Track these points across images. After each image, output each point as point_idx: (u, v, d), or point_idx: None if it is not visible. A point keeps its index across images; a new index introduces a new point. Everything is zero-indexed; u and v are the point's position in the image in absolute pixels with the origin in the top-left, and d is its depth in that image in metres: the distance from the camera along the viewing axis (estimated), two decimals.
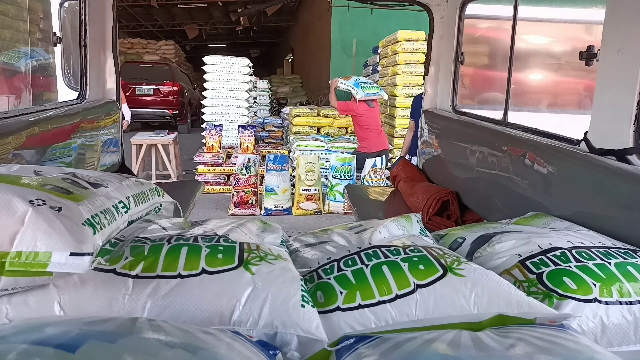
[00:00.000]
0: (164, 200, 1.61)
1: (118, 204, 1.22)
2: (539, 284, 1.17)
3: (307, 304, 0.99)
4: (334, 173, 6.06)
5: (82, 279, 0.98)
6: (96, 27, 2.92)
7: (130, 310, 0.95)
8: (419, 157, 3.75)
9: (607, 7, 1.74)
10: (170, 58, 16.95)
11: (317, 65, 14.70)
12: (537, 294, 1.15)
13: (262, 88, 10.28)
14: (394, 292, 1.06)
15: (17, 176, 1.07)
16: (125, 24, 18.40)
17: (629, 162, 1.63)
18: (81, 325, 0.78)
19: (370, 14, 12.14)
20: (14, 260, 0.88)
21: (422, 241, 1.32)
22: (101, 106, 2.97)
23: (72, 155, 2.41)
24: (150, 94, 12.88)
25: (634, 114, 1.61)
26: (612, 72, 1.71)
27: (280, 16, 18.67)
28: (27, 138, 1.96)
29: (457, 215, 2.77)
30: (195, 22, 19.27)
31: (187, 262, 1.04)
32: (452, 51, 3.22)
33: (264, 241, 1.30)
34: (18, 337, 0.72)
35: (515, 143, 2.22)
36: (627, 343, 1.09)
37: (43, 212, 0.93)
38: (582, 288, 1.13)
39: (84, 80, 2.88)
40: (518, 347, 0.81)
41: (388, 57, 7.32)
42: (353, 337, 0.90)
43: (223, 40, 23.19)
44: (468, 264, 1.16)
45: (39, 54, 4.64)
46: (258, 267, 1.06)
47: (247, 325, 0.95)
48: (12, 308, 0.94)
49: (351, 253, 1.22)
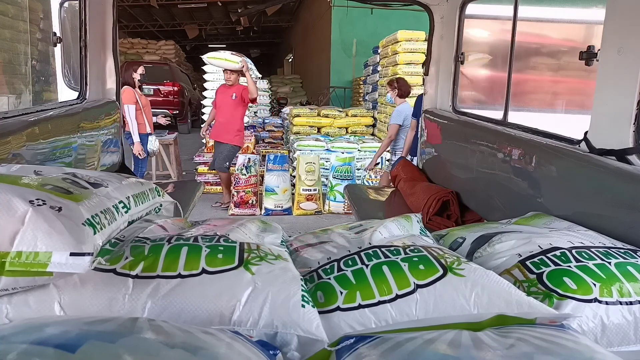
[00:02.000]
0: (164, 200, 1.61)
1: (118, 204, 1.22)
2: (539, 284, 1.17)
3: (307, 304, 0.99)
4: (334, 173, 6.06)
5: (82, 279, 0.98)
6: (96, 27, 2.92)
7: (130, 310, 0.95)
8: (419, 157, 3.75)
9: (607, 7, 1.74)
10: (171, 58, 16.95)
11: (317, 65, 14.71)
12: (537, 294, 1.15)
13: (262, 88, 10.27)
14: (394, 292, 1.06)
15: (17, 176, 1.07)
16: (125, 24, 18.40)
17: (629, 162, 1.63)
18: (81, 325, 0.78)
19: (370, 14, 12.15)
20: (14, 260, 0.88)
21: (422, 241, 1.32)
22: (101, 106, 2.97)
23: (72, 155, 2.41)
24: (150, 94, 12.87)
25: (634, 114, 1.61)
26: (612, 72, 1.71)
27: (281, 16, 18.67)
28: (27, 138, 1.96)
29: (457, 215, 2.77)
30: (195, 22, 19.28)
31: (187, 262, 1.04)
32: (452, 51, 3.22)
33: (264, 241, 1.30)
34: (18, 337, 0.72)
35: (515, 143, 2.22)
36: (627, 343, 1.09)
37: (43, 212, 0.93)
38: (582, 288, 1.12)
39: (84, 80, 2.88)
40: (518, 347, 0.81)
41: (388, 57, 7.33)
42: (353, 337, 0.90)
43: (223, 40, 23.19)
44: (468, 264, 1.16)
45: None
46: (258, 267, 1.06)
47: (247, 325, 0.95)
48: (12, 308, 0.94)
49: (351, 253, 1.22)
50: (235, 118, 5.68)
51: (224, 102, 5.61)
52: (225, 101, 5.59)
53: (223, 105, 5.62)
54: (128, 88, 5.34)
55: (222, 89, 5.71)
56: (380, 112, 7.69)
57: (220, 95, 5.70)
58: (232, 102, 5.57)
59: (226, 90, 5.64)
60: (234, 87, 5.60)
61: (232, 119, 5.62)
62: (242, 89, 5.57)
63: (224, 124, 5.62)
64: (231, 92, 5.57)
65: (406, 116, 5.10)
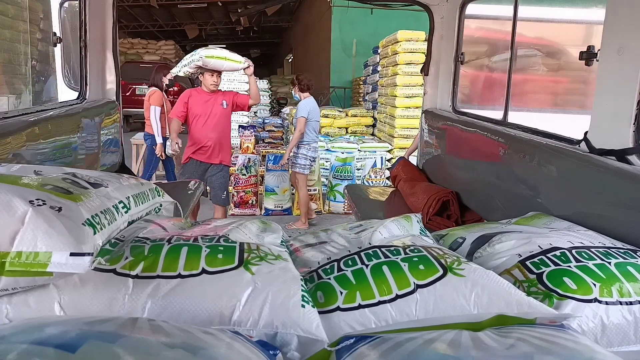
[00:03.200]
0: (164, 200, 1.61)
1: (118, 204, 1.22)
2: (539, 284, 1.17)
3: (307, 304, 0.99)
4: (334, 173, 6.07)
5: (82, 279, 0.98)
6: (96, 27, 2.93)
7: (130, 310, 0.95)
8: (419, 157, 3.75)
9: (607, 7, 1.74)
10: (171, 58, 16.95)
11: (317, 65, 14.70)
12: (537, 294, 1.15)
13: (262, 88, 10.28)
14: (394, 292, 1.06)
15: (17, 176, 1.07)
16: (125, 24, 18.40)
17: (629, 162, 1.63)
18: (81, 325, 0.78)
19: (370, 14, 12.15)
20: (14, 260, 0.88)
21: (422, 241, 1.32)
22: (101, 106, 2.97)
23: (72, 155, 2.41)
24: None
25: (634, 114, 1.61)
26: (612, 72, 1.71)
27: (281, 16, 18.67)
28: (27, 138, 1.96)
29: (457, 215, 2.77)
30: (196, 22, 19.28)
31: (187, 262, 1.04)
32: (452, 51, 3.22)
33: (264, 241, 1.30)
34: (18, 337, 0.72)
35: (515, 143, 2.22)
36: (627, 343, 1.09)
37: (43, 212, 0.93)
38: (582, 288, 1.13)
39: (84, 81, 2.88)
40: (518, 347, 0.81)
41: (388, 57, 7.33)
42: (353, 337, 0.90)
43: (223, 40, 23.19)
44: (468, 264, 1.16)
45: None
46: (258, 267, 1.06)
47: (247, 325, 0.95)
48: (12, 308, 0.94)
49: (351, 253, 1.22)
50: (228, 131, 4.63)
51: (210, 112, 4.36)
52: (213, 111, 4.36)
53: (210, 115, 4.36)
54: (157, 90, 5.59)
55: (201, 95, 4.40)
56: (380, 112, 7.69)
57: (200, 102, 4.37)
58: (224, 112, 4.42)
59: (209, 97, 4.38)
60: (219, 93, 4.44)
61: (225, 133, 4.53)
62: (233, 95, 4.52)
63: (218, 140, 4.41)
64: (219, 100, 4.39)
65: (311, 110, 5.25)
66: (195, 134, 4.41)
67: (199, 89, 4.49)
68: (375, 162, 6.56)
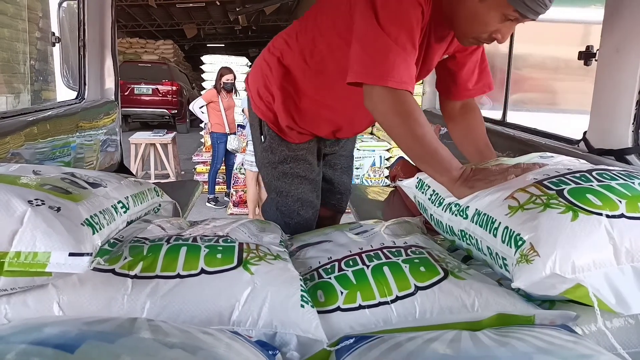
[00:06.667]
0: (163, 200, 1.61)
1: (117, 204, 1.21)
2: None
3: (306, 303, 0.99)
4: None
5: (81, 279, 0.98)
6: (95, 27, 2.92)
7: (129, 310, 0.95)
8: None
9: (606, 6, 1.74)
10: (169, 57, 16.92)
11: None
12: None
13: None
14: (394, 294, 1.05)
15: (15, 176, 1.07)
16: (123, 23, 18.37)
17: (628, 162, 1.63)
18: (80, 326, 0.78)
19: None
20: (13, 260, 0.88)
21: (423, 243, 1.32)
22: (100, 106, 2.97)
23: (70, 155, 2.41)
24: (149, 94, 12.86)
25: (633, 114, 1.61)
26: (611, 72, 1.71)
27: (279, 15, 18.64)
28: (26, 138, 1.96)
29: None
30: (194, 22, 19.25)
31: (186, 262, 1.04)
32: None
33: (263, 241, 1.30)
34: (17, 337, 0.72)
35: (514, 143, 2.22)
36: None
37: (42, 212, 0.93)
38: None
39: (82, 80, 2.88)
40: (518, 347, 0.80)
41: None
42: (353, 337, 0.90)
43: (222, 39, 23.16)
44: (469, 269, 1.16)
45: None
46: (257, 266, 1.06)
47: (246, 325, 0.95)
48: (11, 308, 0.93)
49: (352, 253, 1.22)
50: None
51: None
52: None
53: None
54: (213, 89, 6.21)
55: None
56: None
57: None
58: None
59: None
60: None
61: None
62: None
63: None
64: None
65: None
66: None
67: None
68: (374, 161, 6.55)
